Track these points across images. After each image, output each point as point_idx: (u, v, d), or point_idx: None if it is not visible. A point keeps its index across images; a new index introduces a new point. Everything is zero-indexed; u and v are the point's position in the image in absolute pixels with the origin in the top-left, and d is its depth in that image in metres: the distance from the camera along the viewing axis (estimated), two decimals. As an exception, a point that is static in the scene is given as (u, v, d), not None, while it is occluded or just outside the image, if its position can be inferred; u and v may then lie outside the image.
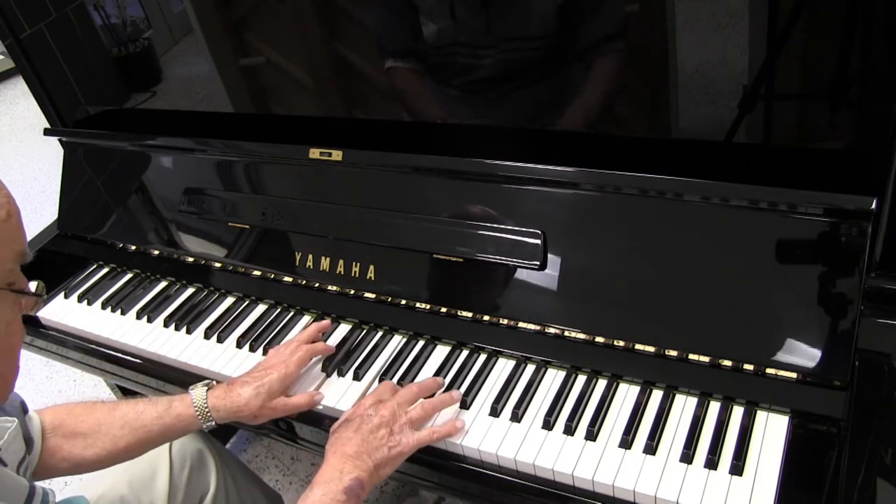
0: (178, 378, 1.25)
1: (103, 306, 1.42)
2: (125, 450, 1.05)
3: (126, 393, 1.77)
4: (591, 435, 0.95)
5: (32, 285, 0.78)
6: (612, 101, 1.08)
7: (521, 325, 1.07)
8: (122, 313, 1.39)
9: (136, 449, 1.06)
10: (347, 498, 0.87)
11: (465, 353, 1.12)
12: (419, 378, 1.10)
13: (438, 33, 1.13)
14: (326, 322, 1.20)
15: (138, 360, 1.32)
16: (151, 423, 1.04)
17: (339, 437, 0.95)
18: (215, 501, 1.20)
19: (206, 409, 1.04)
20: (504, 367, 1.08)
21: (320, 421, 1.09)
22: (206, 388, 1.07)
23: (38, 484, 0.87)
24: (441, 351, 1.13)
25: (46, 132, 1.65)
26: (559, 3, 1.03)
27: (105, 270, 1.52)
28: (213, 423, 1.05)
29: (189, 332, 1.30)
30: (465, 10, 1.10)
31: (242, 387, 1.05)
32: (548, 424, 0.98)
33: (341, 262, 1.23)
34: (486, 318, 1.10)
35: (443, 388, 1.06)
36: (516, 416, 1.00)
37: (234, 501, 1.23)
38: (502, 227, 1.10)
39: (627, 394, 1.00)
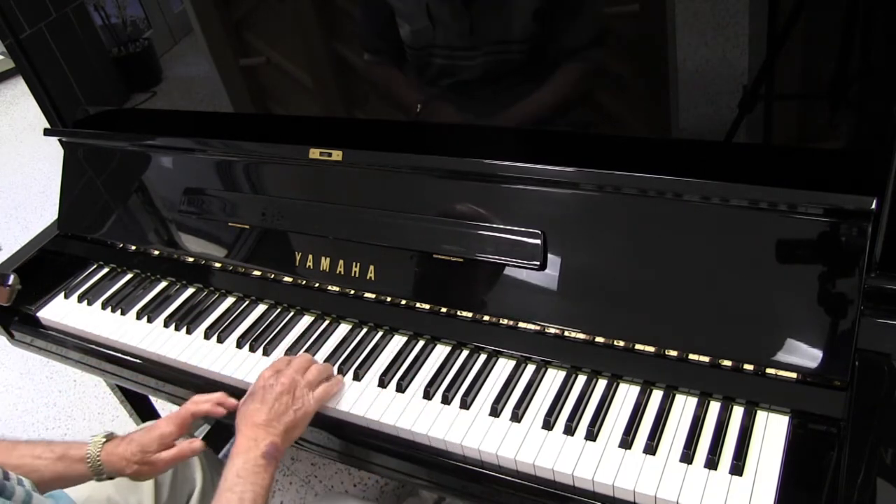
0: (178, 378, 1.25)
1: (103, 306, 1.42)
2: None
3: (126, 393, 1.78)
4: (591, 435, 0.95)
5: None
6: (569, 107, 1.09)
7: (521, 325, 1.07)
8: (122, 313, 1.39)
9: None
10: (267, 462, 0.93)
11: (465, 353, 1.12)
12: (419, 378, 1.10)
13: (413, 34, 1.12)
14: (221, 395, 1.11)
15: (138, 360, 1.32)
16: (45, 468, 1.03)
17: (248, 409, 1.00)
18: (204, 496, 1.20)
19: (98, 461, 1.05)
20: (504, 367, 1.08)
21: (321, 421, 1.09)
22: (105, 438, 1.07)
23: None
24: (441, 351, 1.13)
25: (46, 132, 1.65)
26: (536, 7, 1.02)
27: (105, 270, 1.52)
28: (105, 475, 1.06)
29: (189, 332, 1.30)
30: (443, 13, 1.09)
31: (129, 444, 1.06)
32: (548, 424, 0.98)
33: (341, 262, 1.23)
34: (486, 318, 1.10)
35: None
36: (516, 417, 1.00)
37: None
38: (502, 227, 1.10)
39: (627, 394, 1.00)
